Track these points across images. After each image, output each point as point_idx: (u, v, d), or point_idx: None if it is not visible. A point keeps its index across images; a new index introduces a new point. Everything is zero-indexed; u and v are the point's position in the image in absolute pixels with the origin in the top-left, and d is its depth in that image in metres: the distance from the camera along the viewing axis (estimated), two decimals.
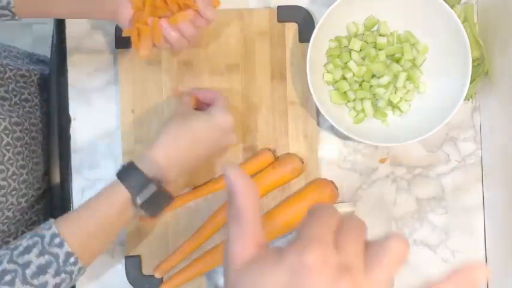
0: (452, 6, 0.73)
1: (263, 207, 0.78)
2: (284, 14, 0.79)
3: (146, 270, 0.77)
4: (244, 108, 0.78)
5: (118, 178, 0.65)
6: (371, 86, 0.77)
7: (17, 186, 0.72)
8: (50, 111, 0.81)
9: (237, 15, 0.79)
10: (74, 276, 0.62)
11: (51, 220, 0.62)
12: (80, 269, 0.62)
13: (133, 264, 0.77)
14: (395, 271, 0.32)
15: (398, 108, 0.77)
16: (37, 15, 0.67)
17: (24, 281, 0.58)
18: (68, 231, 0.61)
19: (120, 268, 0.78)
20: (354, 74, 0.76)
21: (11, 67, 0.79)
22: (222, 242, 0.76)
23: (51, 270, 0.60)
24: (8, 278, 0.58)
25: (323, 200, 0.75)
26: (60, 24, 0.80)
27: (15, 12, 0.64)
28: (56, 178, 0.80)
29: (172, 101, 0.78)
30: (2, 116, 0.71)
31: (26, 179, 0.74)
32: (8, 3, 0.63)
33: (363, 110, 0.77)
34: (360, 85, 0.77)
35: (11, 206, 0.72)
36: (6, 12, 0.63)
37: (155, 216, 0.66)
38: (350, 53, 0.76)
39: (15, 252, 0.60)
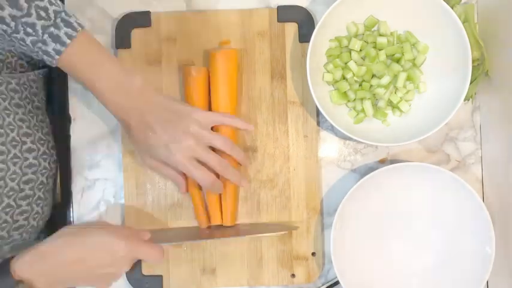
0: (452, 6, 0.73)
1: (265, 206, 0.78)
2: (284, 14, 0.79)
3: (146, 270, 0.77)
4: (244, 108, 0.78)
5: None
6: (371, 86, 0.77)
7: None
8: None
9: (237, 15, 0.79)
10: None
11: None
12: None
13: (133, 265, 0.77)
14: None
15: (399, 108, 0.77)
16: (78, 80, 0.68)
17: None
18: None
19: None
20: (354, 74, 0.76)
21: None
22: None
23: None
24: None
25: None
26: None
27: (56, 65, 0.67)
28: (56, 178, 0.80)
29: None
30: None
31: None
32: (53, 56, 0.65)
33: (363, 110, 0.77)
34: (360, 85, 0.77)
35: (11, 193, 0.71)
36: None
37: None
38: (350, 53, 0.76)
39: None
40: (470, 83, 0.73)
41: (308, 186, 0.78)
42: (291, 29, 0.79)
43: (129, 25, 0.78)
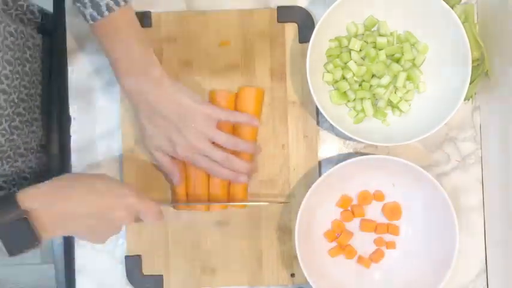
0: (452, 6, 0.74)
1: (265, 206, 0.78)
2: (284, 14, 0.79)
3: (146, 270, 0.77)
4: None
5: None
6: (371, 86, 0.77)
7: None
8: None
9: (237, 15, 0.79)
10: None
11: None
12: None
13: (133, 264, 0.77)
14: None
15: (398, 108, 0.77)
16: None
17: None
18: None
19: (120, 268, 0.78)
20: (353, 74, 0.76)
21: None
22: None
23: None
24: None
25: None
26: (60, 25, 0.80)
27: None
28: None
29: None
30: None
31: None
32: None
33: (363, 110, 0.77)
34: (360, 85, 0.77)
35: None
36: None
37: (12, 254, 0.59)
38: (350, 53, 0.76)
39: None
40: (470, 83, 0.73)
41: (308, 186, 0.78)
42: (291, 29, 0.79)
43: None
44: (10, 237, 0.58)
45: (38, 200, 0.60)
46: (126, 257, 0.77)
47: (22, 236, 0.58)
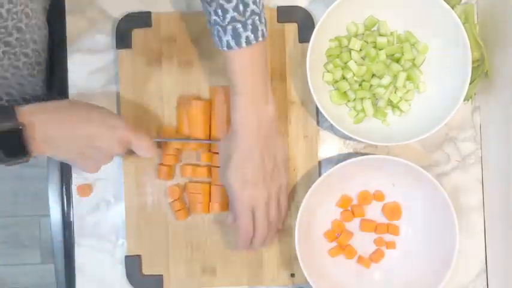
0: (452, 7, 0.74)
1: None
2: (284, 14, 0.79)
3: (146, 270, 0.77)
4: None
5: None
6: (371, 86, 0.77)
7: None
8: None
9: None
10: None
11: None
12: None
13: (133, 264, 0.77)
14: None
15: (398, 108, 0.77)
16: None
17: None
18: None
19: (120, 268, 0.78)
20: (354, 74, 0.76)
21: None
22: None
23: None
24: None
25: None
26: (60, 24, 0.80)
27: None
28: (56, 178, 0.80)
29: (171, 100, 0.78)
30: None
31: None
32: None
33: (363, 110, 0.77)
34: (360, 85, 0.77)
35: None
36: None
37: (1, 162, 0.62)
38: (350, 52, 0.76)
39: None
40: (470, 83, 0.73)
41: (308, 186, 0.78)
42: (291, 29, 0.79)
43: (129, 25, 0.78)
44: (2, 146, 0.60)
45: (34, 117, 0.61)
46: (126, 257, 0.77)
47: (14, 146, 0.60)
